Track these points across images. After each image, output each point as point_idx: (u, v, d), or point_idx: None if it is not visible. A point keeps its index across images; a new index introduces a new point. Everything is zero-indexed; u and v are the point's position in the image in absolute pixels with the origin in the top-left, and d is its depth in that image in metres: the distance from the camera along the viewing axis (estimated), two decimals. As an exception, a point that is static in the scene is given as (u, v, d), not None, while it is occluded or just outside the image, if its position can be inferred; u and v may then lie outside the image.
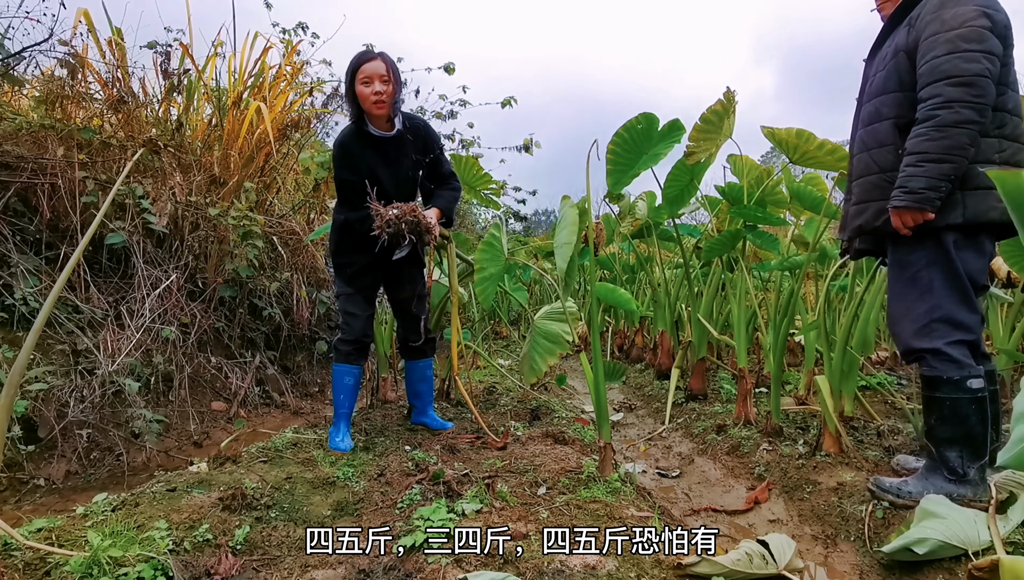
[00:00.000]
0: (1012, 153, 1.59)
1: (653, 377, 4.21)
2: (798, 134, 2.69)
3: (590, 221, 2.42)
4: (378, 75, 2.17)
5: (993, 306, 3.00)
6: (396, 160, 2.34)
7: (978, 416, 1.59)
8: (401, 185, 2.38)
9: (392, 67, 2.21)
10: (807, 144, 2.57)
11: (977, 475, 1.60)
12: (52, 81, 3.18)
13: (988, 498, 1.54)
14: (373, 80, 2.17)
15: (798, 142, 2.58)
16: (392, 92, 2.21)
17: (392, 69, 2.20)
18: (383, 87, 2.18)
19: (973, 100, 1.50)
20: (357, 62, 2.19)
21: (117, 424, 2.51)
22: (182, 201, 3.21)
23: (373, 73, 2.17)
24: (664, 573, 1.36)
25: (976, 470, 1.60)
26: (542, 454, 2.14)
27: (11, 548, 1.36)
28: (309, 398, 3.75)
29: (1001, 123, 1.58)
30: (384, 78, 2.18)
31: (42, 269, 2.69)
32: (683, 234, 3.77)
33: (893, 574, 1.52)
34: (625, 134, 2.72)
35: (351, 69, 2.20)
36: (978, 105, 1.51)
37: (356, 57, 2.21)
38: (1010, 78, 1.60)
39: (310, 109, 4.59)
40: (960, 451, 1.61)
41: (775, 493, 2.09)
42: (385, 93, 2.19)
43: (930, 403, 1.65)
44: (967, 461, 1.60)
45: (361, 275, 2.41)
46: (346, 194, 2.32)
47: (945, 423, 1.62)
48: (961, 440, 1.60)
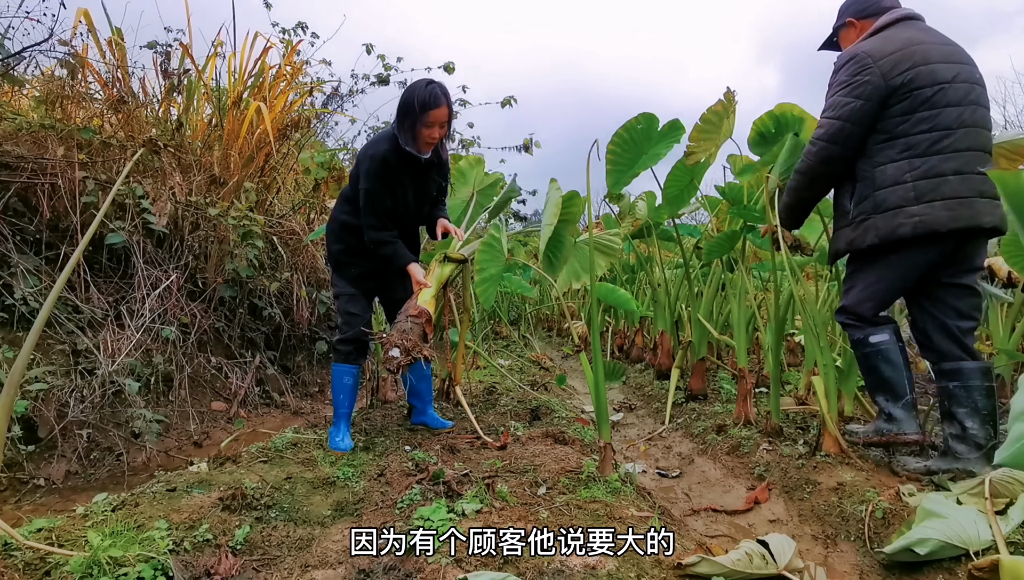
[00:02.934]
0: (930, 167, 1.81)
1: (653, 377, 4.21)
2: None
3: (590, 221, 2.43)
4: (440, 122, 2.21)
5: (993, 306, 3.00)
6: (423, 182, 2.39)
7: (887, 365, 1.94)
8: (423, 205, 2.45)
9: (452, 111, 2.25)
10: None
11: (902, 413, 1.93)
12: (52, 81, 3.18)
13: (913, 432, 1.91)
14: (435, 125, 2.20)
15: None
16: (447, 133, 2.29)
17: (451, 113, 2.25)
18: (440, 132, 2.24)
19: (813, 154, 1.97)
20: (426, 104, 2.15)
21: (117, 424, 2.51)
22: (182, 201, 3.21)
23: (439, 119, 2.20)
24: (664, 573, 1.36)
25: (900, 408, 1.93)
26: (542, 454, 2.14)
27: (11, 548, 1.36)
28: (309, 398, 3.75)
29: (908, 146, 1.83)
30: (444, 123, 2.23)
31: (42, 269, 2.68)
32: (683, 234, 3.77)
33: (893, 574, 1.52)
34: (625, 134, 2.73)
35: (421, 108, 2.16)
36: (815, 158, 1.96)
37: (425, 96, 2.16)
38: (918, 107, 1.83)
39: (310, 109, 4.59)
40: (884, 395, 1.96)
41: (775, 493, 2.09)
42: (440, 135, 2.26)
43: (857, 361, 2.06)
44: (891, 402, 1.94)
45: (364, 278, 2.43)
46: (372, 206, 2.29)
47: (866, 375, 2.02)
48: (879, 386, 1.96)
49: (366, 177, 2.27)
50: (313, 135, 4.69)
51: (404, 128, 2.22)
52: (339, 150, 5.07)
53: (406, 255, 2.36)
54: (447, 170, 2.52)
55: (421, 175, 2.36)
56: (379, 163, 2.24)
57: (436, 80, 2.23)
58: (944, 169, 1.79)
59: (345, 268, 2.44)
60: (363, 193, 2.28)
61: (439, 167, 2.42)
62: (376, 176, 2.26)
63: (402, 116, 2.22)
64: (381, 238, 2.32)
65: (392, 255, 2.34)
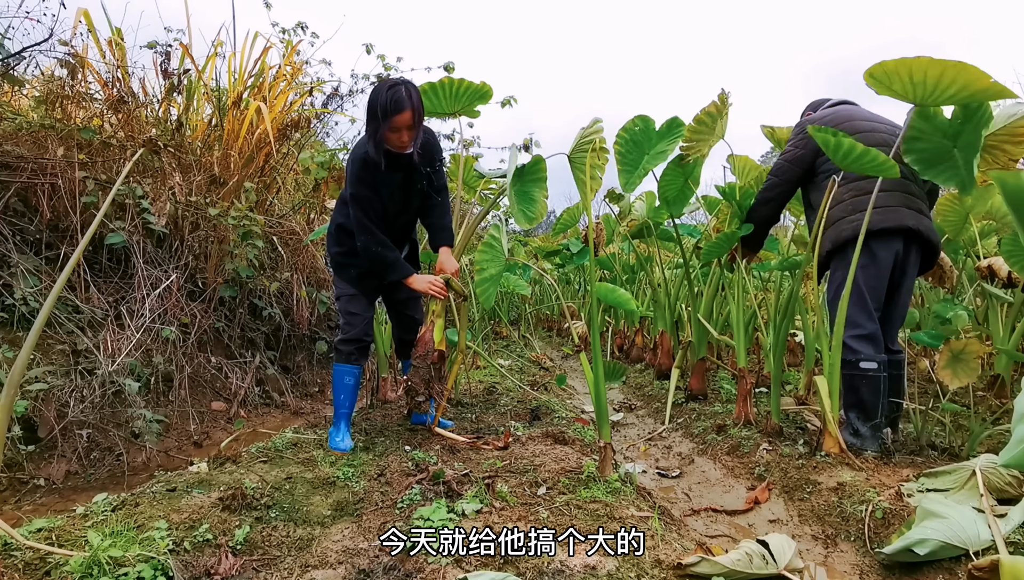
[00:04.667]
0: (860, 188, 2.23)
1: (653, 377, 4.21)
2: (798, 134, 2.67)
3: (590, 221, 2.42)
4: (406, 125, 2.13)
5: (993, 306, 2.99)
6: (410, 177, 2.34)
7: (868, 390, 2.16)
8: (412, 200, 2.41)
9: (419, 112, 2.15)
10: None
11: (868, 432, 2.17)
12: (52, 81, 3.18)
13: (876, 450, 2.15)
14: (401, 130, 2.13)
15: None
16: (416, 133, 2.19)
17: (418, 114, 2.15)
18: (409, 134, 2.16)
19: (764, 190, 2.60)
20: (387, 111, 2.09)
21: (117, 424, 2.51)
22: (182, 201, 3.21)
23: (402, 125, 2.12)
24: (664, 573, 1.36)
25: (868, 428, 2.17)
26: (542, 454, 2.14)
27: (11, 548, 1.36)
28: (309, 398, 3.75)
29: (850, 178, 2.25)
30: (410, 126, 2.14)
31: (42, 269, 2.68)
32: (683, 234, 3.77)
33: (893, 574, 1.52)
34: (626, 134, 2.72)
35: (383, 114, 2.09)
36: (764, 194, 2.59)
37: (386, 102, 2.09)
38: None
39: (310, 109, 4.59)
40: (857, 414, 2.19)
41: (775, 493, 2.09)
42: (410, 138, 2.18)
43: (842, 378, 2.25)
44: (860, 420, 2.19)
45: (365, 278, 2.43)
46: (363, 212, 2.27)
47: (846, 392, 2.22)
48: (856, 405, 2.19)
49: (352, 182, 2.26)
50: (313, 135, 4.69)
51: (370, 134, 2.16)
52: (339, 150, 5.06)
53: (405, 268, 2.33)
54: (437, 155, 2.42)
55: (405, 170, 2.31)
56: (360, 164, 2.22)
57: (402, 80, 2.14)
58: (870, 188, 2.16)
59: (345, 269, 2.44)
60: (351, 198, 2.26)
61: (424, 157, 2.34)
62: (360, 180, 2.24)
63: (368, 122, 2.16)
64: (377, 252, 2.27)
65: (389, 267, 2.31)
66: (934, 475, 1.78)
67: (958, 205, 2.81)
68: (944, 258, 2.79)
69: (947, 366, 2.35)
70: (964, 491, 1.63)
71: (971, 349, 2.30)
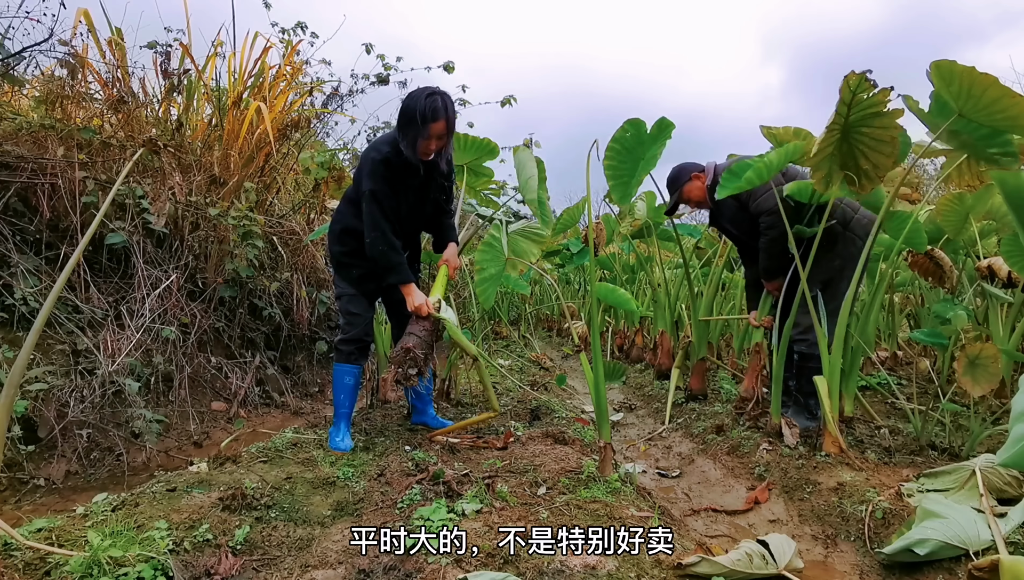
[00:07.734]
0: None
1: (653, 377, 4.21)
2: (796, 133, 2.68)
3: (590, 221, 2.42)
4: (439, 134, 2.18)
5: (993, 306, 2.99)
6: (427, 183, 2.38)
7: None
8: (424, 206, 2.43)
9: (451, 123, 2.21)
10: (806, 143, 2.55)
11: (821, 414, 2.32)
12: (52, 81, 3.18)
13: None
14: (431, 138, 2.18)
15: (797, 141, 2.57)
16: (445, 144, 2.25)
17: (451, 126, 2.21)
18: (438, 143, 2.22)
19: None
20: (426, 118, 2.13)
21: (117, 424, 2.51)
22: (182, 201, 3.21)
23: (434, 133, 2.17)
24: (664, 573, 1.37)
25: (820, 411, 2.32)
26: (542, 454, 2.14)
27: (11, 548, 1.36)
28: (309, 398, 3.75)
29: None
30: (441, 136, 2.20)
31: (42, 269, 2.68)
32: (683, 234, 3.77)
33: (893, 574, 1.52)
34: (617, 145, 2.68)
35: (422, 121, 2.13)
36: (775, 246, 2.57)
37: (425, 109, 2.13)
38: None
39: (310, 109, 4.59)
40: (815, 400, 2.40)
41: (775, 493, 2.09)
42: (437, 147, 2.24)
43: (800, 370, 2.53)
44: (817, 406, 2.39)
45: (366, 279, 2.43)
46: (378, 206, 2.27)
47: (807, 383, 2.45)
48: (814, 393, 2.34)
49: (370, 178, 2.25)
50: (313, 135, 4.69)
51: (406, 139, 2.20)
52: (339, 150, 5.07)
53: (406, 274, 2.32)
54: (451, 171, 2.50)
55: (424, 178, 2.34)
56: (381, 164, 2.23)
57: (438, 90, 2.18)
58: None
59: (346, 269, 2.44)
60: (368, 194, 2.25)
61: (442, 170, 2.40)
62: (380, 177, 2.25)
63: (403, 126, 2.19)
64: (383, 252, 2.27)
65: (392, 269, 2.30)
66: (934, 475, 1.78)
67: (958, 205, 2.81)
68: (944, 258, 2.79)
69: (966, 373, 2.21)
70: (964, 491, 1.63)
71: (987, 353, 2.19)
